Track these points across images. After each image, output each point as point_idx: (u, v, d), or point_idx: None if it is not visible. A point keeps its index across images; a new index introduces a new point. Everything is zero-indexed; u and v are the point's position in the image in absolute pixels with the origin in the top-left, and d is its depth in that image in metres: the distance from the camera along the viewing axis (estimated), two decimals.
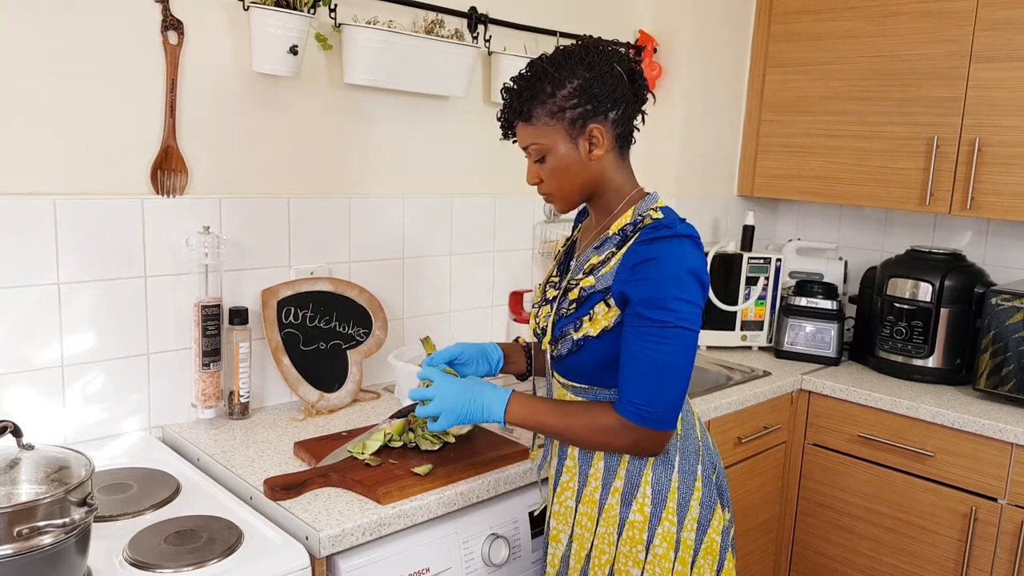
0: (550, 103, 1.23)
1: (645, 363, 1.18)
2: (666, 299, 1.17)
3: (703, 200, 2.69)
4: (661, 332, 1.17)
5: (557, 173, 1.27)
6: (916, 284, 2.28)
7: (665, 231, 1.20)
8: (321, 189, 1.85)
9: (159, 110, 1.58)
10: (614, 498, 1.29)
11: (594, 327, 1.24)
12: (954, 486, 2.06)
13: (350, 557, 1.27)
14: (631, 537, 1.27)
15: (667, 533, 1.26)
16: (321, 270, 1.86)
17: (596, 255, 1.28)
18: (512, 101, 1.27)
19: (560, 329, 1.29)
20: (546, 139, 1.25)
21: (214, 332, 1.64)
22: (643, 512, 1.27)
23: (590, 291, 1.26)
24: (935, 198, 2.31)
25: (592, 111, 1.23)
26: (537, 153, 1.27)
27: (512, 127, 1.30)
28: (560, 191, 1.30)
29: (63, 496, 0.99)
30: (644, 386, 1.18)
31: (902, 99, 2.37)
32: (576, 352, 1.27)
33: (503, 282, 2.28)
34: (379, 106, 1.92)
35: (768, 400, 2.19)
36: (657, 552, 1.26)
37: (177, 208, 1.62)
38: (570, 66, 1.23)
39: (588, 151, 1.25)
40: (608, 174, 1.29)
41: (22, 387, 1.46)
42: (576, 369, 1.31)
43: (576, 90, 1.22)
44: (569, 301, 1.29)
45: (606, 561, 1.29)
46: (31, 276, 1.45)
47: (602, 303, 1.24)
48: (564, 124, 1.24)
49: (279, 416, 1.74)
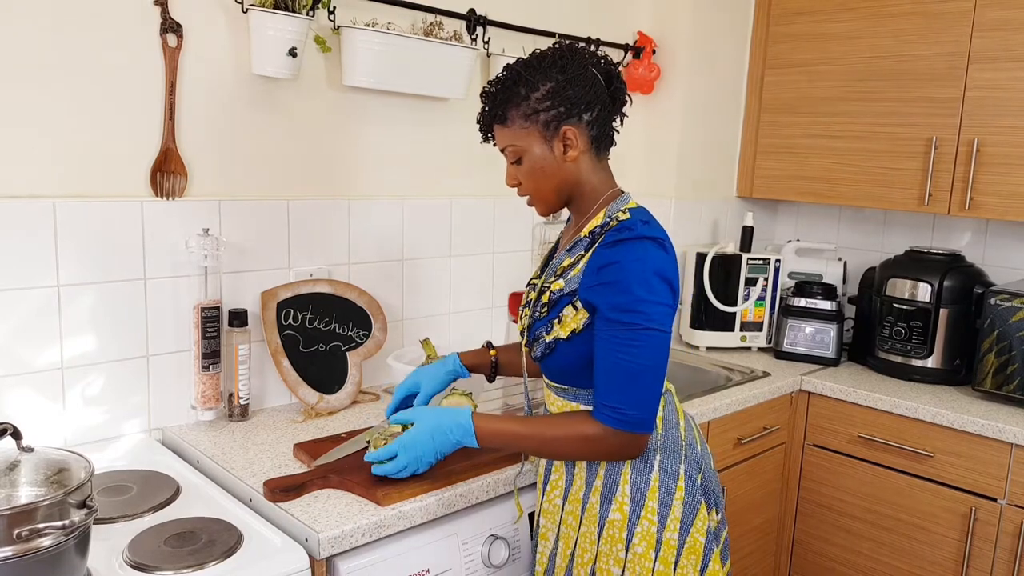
0: (524, 105, 1.25)
1: (618, 368, 1.19)
2: (633, 302, 1.18)
3: (702, 201, 2.69)
4: (632, 335, 1.18)
5: (533, 175, 1.29)
6: (915, 284, 2.29)
7: (627, 233, 1.22)
8: (320, 191, 1.85)
9: (158, 112, 1.58)
10: (595, 497, 1.30)
11: (563, 329, 1.26)
12: (954, 486, 2.06)
13: (350, 559, 1.27)
14: (611, 536, 1.28)
15: (647, 532, 1.27)
16: (320, 272, 1.86)
17: (568, 257, 1.30)
18: (488, 104, 1.30)
19: (534, 332, 1.31)
20: (521, 141, 1.27)
21: (213, 334, 1.64)
22: (622, 511, 1.27)
23: (559, 294, 1.27)
24: (934, 199, 2.31)
25: (565, 113, 1.24)
26: (513, 155, 1.30)
27: (491, 130, 1.32)
28: (538, 193, 1.32)
29: (63, 498, 0.99)
30: (620, 391, 1.19)
31: (900, 100, 2.37)
32: (550, 355, 1.29)
33: (503, 283, 2.28)
34: (378, 108, 1.92)
35: (768, 401, 2.20)
36: (637, 551, 1.27)
37: (176, 210, 1.62)
38: (543, 69, 1.25)
39: (563, 153, 1.26)
40: (584, 176, 1.30)
41: (22, 389, 1.46)
42: (555, 370, 1.33)
43: (549, 92, 1.24)
44: (542, 304, 1.31)
45: (588, 560, 1.30)
46: (31, 278, 1.46)
47: (570, 306, 1.25)
48: (538, 126, 1.25)
49: (279, 418, 1.74)
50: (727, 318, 2.52)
